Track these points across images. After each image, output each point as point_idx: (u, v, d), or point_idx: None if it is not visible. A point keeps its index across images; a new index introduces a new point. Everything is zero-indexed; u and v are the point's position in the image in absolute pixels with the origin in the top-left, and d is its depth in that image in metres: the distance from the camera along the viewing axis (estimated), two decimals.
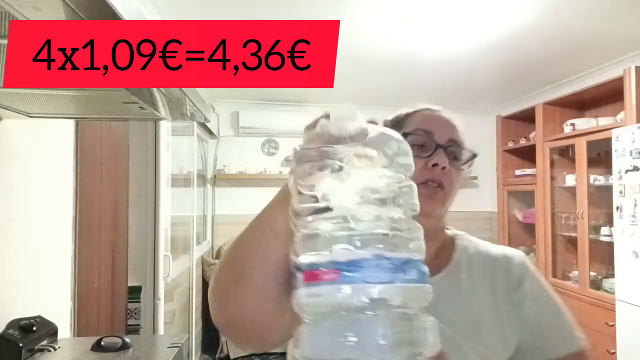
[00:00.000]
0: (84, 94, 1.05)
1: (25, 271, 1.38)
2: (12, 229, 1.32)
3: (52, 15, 0.58)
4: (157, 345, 1.39)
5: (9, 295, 1.31)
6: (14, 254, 1.33)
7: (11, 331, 1.19)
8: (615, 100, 3.47)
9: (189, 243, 3.07)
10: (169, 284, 2.46)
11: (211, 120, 4.44)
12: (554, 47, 3.07)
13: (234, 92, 4.38)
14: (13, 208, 1.33)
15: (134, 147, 2.28)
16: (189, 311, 3.12)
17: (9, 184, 1.30)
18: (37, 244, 1.45)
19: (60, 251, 1.62)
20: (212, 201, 4.68)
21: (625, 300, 2.67)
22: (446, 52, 3.17)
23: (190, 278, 3.15)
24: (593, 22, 2.65)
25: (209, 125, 4.20)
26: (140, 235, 2.28)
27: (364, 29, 2.74)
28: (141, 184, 2.29)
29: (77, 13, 0.57)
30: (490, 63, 3.43)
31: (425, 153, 0.79)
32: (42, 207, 1.49)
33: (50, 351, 1.26)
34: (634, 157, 2.66)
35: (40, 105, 1.15)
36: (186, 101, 1.13)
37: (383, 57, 3.25)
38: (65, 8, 0.56)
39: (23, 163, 1.38)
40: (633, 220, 2.62)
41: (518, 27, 2.70)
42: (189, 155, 3.16)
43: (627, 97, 2.98)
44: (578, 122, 3.60)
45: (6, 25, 0.62)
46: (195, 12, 2.46)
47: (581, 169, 3.41)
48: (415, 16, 2.53)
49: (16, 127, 1.33)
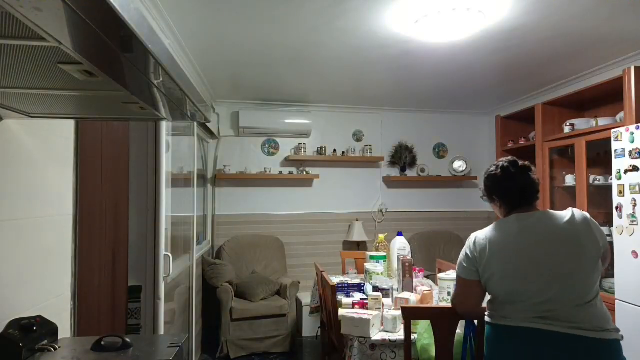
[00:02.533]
0: (84, 94, 1.05)
1: (25, 271, 1.39)
2: (12, 229, 1.32)
3: (52, 16, 0.58)
4: (157, 344, 1.39)
5: (9, 295, 1.31)
6: (14, 254, 1.33)
7: (11, 331, 1.19)
8: (614, 100, 3.47)
9: (189, 243, 3.07)
10: (169, 283, 2.46)
11: (211, 121, 4.45)
12: (554, 47, 3.08)
13: (234, 92, 4.39)
14: (13, 208, 1.33)
15: (134, 147, 2.28)
16: (189, 311, 3.12)
17: (9, 184, 1.31)
18: (38, 243, 1.45)
19: (61, 251, 1.62)
20: (212, 201, 4.69)
21: (625, 300, 2.67)
22: (446, 52, 3.17)
23: (191, 278, 3.15)
24: (593, 22, 2.65)
25: (210, 125, 4.21)
26: (141, 235, 2.28)
27: (362, 29, 2.74)
28: (141, 184, 2.29)
29: (77, 13, 0.57)
30: (490, 63, 3.43)
31: None
32: (43, 207, 1.49)
33: (51, 351, 1.27)
34: (633, 157, 2.67)
35: (40, 105, 1.16)
36: (186, 101, 1.13)
37: (382, 57, 3.26)
38: (65, 8, 0.56)
39: (23, 163, 1.38)
40: (632, 220, 2.63)
41: (518, 27, 2.71)
42: (189, 155, 3.16)
43: (626, 97, 2.98)
44: (577, 122, 3.61)
45: (6, 25, 0.62)
46: (195, 12, 2.46)
47: (581, 169, 3.42)
48: (414, 16, 2.54)
49: (16, 127, 1.34)
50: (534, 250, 1.57)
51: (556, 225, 1.60)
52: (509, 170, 1.70)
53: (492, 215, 5.18)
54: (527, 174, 1.69)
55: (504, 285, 1.60)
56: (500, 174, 1.70)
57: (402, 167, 5.17)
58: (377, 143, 5.13)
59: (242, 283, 4.10)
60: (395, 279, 2.94)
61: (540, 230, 1.60)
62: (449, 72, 3.69)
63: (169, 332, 2.42)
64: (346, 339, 2.17)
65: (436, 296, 2.64)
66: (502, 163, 1.73)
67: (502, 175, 1.70)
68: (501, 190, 1.71)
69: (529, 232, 1.60)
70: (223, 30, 2.75)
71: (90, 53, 0.74)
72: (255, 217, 4.78)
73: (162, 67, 0.82)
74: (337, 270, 4.47)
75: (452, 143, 5.39)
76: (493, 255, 1.61)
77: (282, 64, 3.45)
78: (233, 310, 3.83)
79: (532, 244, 1.58)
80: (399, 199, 5.21)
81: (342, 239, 5.01)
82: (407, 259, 2.78)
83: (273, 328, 3.94)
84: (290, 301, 4.03)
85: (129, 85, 0.94)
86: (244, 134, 4.72)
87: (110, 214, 2.06)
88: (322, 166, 4.96)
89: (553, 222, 1.61)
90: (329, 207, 5.00)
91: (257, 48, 3.07)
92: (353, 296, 2.62)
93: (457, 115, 5.37)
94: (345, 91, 4.35)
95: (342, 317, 2.18)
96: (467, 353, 1.88)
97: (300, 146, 4.78)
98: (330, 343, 2.74)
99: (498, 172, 1.71)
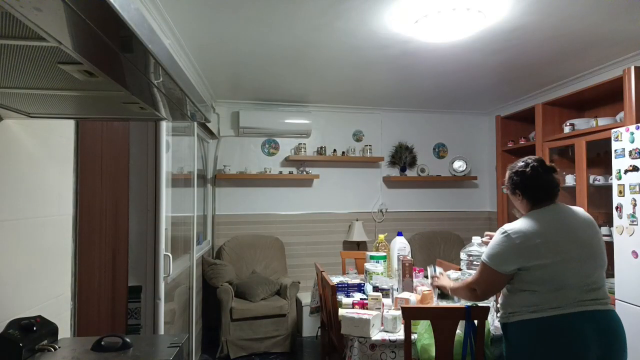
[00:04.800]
0: (84, 94, 1.05)
1: (25, 271, 1.39)
2: (12, 229, 1.32)
3: (52, 16, 0.58)
4: (157, 344, 1.39)
5: (9, 295, 1.31)
6: (14, 254, 1.33)
7: (11, 331, 1.19)
8: (614, 100, 3.47)
9: (189, 243, 3.08)
10: (169, 284, 2.46)
11: (211, 121, 4.45)
12: (554, 47, 3.08)
13: (234, 92, 4.39)
14: (13, 208, 1.33)
15: (134, 147, 2.28)
16: (189, 311, 3.12)
17: (9, 184, 1.31)
18: (37, 243, 1.45)
19: (61, 251, 1.62)
20: (212, 201, 4.69)
21: (625, 300, 2.67)
22: (446, 52, 3.17)
23: (191, 278, 3.15)
24: (593, 22, 2.65)
25: (210, 125, 4.21)
26: (141, 235, 2.28)
27: (362, 29, 2.74)
28: (141, 184, 2.29)
29: (77, 13, 0.57)
30: (490, 63, 3.43)
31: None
32: (43, 207, 1.49)
33: (51, 351, 1.27)
34: (633, 157, 2.66)
35: (40, 105, 1.16)
36: (186, 101, 1.13)
37: (382, 57, 3.26)
38: (65, 8, 0.56)
39: (23, 163, 1.38)
40: (632, 220, 2.63)
41: (518, 27, 2.71)
42: (190, 155, 3.16)
43: (626, 97, 2.98)
44: (577, 122, 3.61)
45: (6, 25, 0.62)
46: (195, 12, 2.46)
47: (581, 169, 3.42)
48: (414, 16, 2.54)
49: (16, 127, 1.34)
50: (576, 235, 1.72)
51: (577, 212, 1.83)
52: (538, 169, 1.83)
53: (493, 216, 5.18)
54: (551, 174, 1.83)
55: (557, 272, 1.66)
56: (530, 172, 1.83)
57: (402, 167, 5.17)
58: (377, 143, 5.13)
59: (242, 283, 4.10)
60: (395, 279, 2.94)
61: (572, 218, 1.78)
62: (449, 72, 3.69)
63: (169, 332, 2.42)
64: (346, 339, 2.17)
65: (436, 295, 2.64)
66: (532, 162, 1.85)
67: (531, 174, 1.82)
68: (529, 186, 1.83)
69: (568, 220, 1.76)
70: (223, 30, 2.75)
71: (90, 53, 0.74)
72: (255, 217, 4.78)
73: (162, 67, 0.82)
74: (337, 270, 4.48)
75: (452, 143, 5.39)
76: (544, 244, 1.68)
77: (282, 64, 3.45)
78: (233, 310, 3.83)
79: (573, 229, 1.73)
80: (399, 199, 5.21)
81: (342, 239, 5.01)
82: (407, 259, 2.78)
83: (273, 328, 3.95)
84: (290, 301, 4.03)
85: (129, 85, 0.94)
86: (244, 134, 4.72)
87: (110, 214, 2.06)
88: (322, 166, 4.96)
89: (574, 211, 1.82)
90: (329, 207, 5.00)
91: (257, 48, 3.07)
92: (353, 296, 2.62)
93: (457, 115, 5.38)
94: (345, 91, 4.35)
95: (342, 317, 2.18)
96: (467, 353, 1.88)
97: (300, 146, 4.78)
98: (330, 343, 2.74)
99: (528, 170, 1.83)
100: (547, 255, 1.67)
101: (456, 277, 2.45)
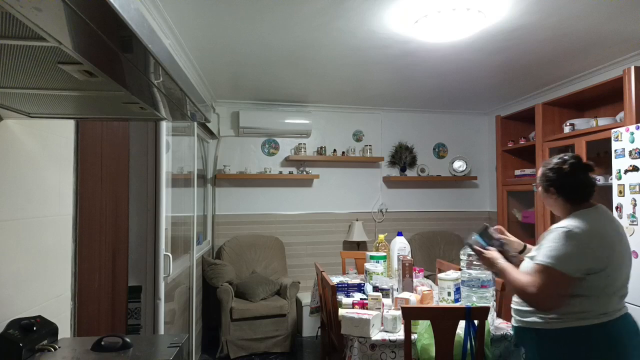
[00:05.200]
0: (84, 94, 1.05)
1: (25, 271, 1.39)
2: (12, 229, 1.32)
3: (52, 16, 0.58)
4: (157, 344, 1.39)
5: (9, 295, 1.31)
6: (14, 254, 1.33)
7: (11, 331, 1.19)
8: (614, 100, 3.47)
9: (189, 243, 3.08)
10: (169, 284, 2.46)
11: (211, 121, 4.45)
12: (554, 47, 3.08)
13: (234, 93, 4.39)
14: (13, 208, 1.33)
15: (134, 147, 2.28)
16: (189, 311, 3.12)
17: (9, 184, 1.31)
18: (37, 243, 1.45)
19: (61, 251, 1.62)
20: (212, 201, 4.69)
21: (625, 300, 2.66)
22: (446, 52, 3.17)
23: (191, 278, 3.15)
24: (593, 22, 2.65)
25: (210, 125, 4.21)
26: (140, 235, 2.29)
27: (362, 29, 2.74)
28: (141, 184, 2.29)
29: (77, 13, 0.57)
30: (490, 63, 3.43)
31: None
32: (42, 207, 1.49)
33: (51, 351, 1.27)
34: (633, 157, 2.67)
35: (40, 105, 1.16)
36: (186, 101, 1.13)
37: (382, 57, 3.26)
38: (65, 8, 0.56)
39: (23, 163, 1.38)
40: (632, 220, 2.63)
41: (518, 27, 2.71)
42: (189, 155, 3.16)
43: (626, 98, 2.98)
44: (577, 122, 3.61)
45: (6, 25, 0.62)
46: (195, 12, 2.46)
47: None
48: (414, 16, 2.54)
49: (16, 127, 1.34)
50: (624, 239, 1.66)
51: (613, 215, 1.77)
52: (575, 166, 1.72)
53: (493, 216, 5.18)
54: (588, 172, 1.73)
55: (614, 277, 1.59)
56: (567, 169, 1.71)
57: (402, 167, 5.17)
58: (377, 143, 5.13)
59: (242, 283, 4.10)
60: (395, 279, 2.94)
61: (617, 221, 1.72)
62: (449, 72, 3.69)
63: (169, 332, 2.42)
64: (346, 339, 2.17)
65: (436, 296, 2.64)
66: (569, 159, 1.74)
67: (568, 171, 1.71)
68: (565, 184, 1.71)
69: (615, 223, 1.69)
70: (223, 30, 2.75)
71: (90, 53, 0.74)
72: (255, 217, 4.78)
73: (162, 67, 0.82)
74: (337, 270, 4.48)
75: (452, 143, 5.39)
76: (610, 247, 1.60)
77: (282, 64, 3.45)
78: (233, 310, 3.83)
79: (619, 232, 1.67)
80: (399, 199, 5.21)
81: (342, 239, 5.01)
82: (407, 259, 2.78)
83: (273, 328, 3.95)
84: (290, 301, 4.03)
85: (129, 85, 0.94)
86: (244, 134, 4.72)
87: (110, 214, 2.06)
88: (322, 166, 4.96)
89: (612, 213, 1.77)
90: (329, 207, 5.00)
91: (257, 48, 3.07)
92: (353, 296, 2.62)
93: (457, 115, 5.38)
94: (345, 91, 4.35)
95: (342, 317, 2.18)
96: (467, 353, 1.88)
97: (300, 146, 4.79)
98: (330, 343, 2.74)
99: (565, 167, 1.72)
100: (613, 259, 1.58)
101: (456, 277, 2.45)
